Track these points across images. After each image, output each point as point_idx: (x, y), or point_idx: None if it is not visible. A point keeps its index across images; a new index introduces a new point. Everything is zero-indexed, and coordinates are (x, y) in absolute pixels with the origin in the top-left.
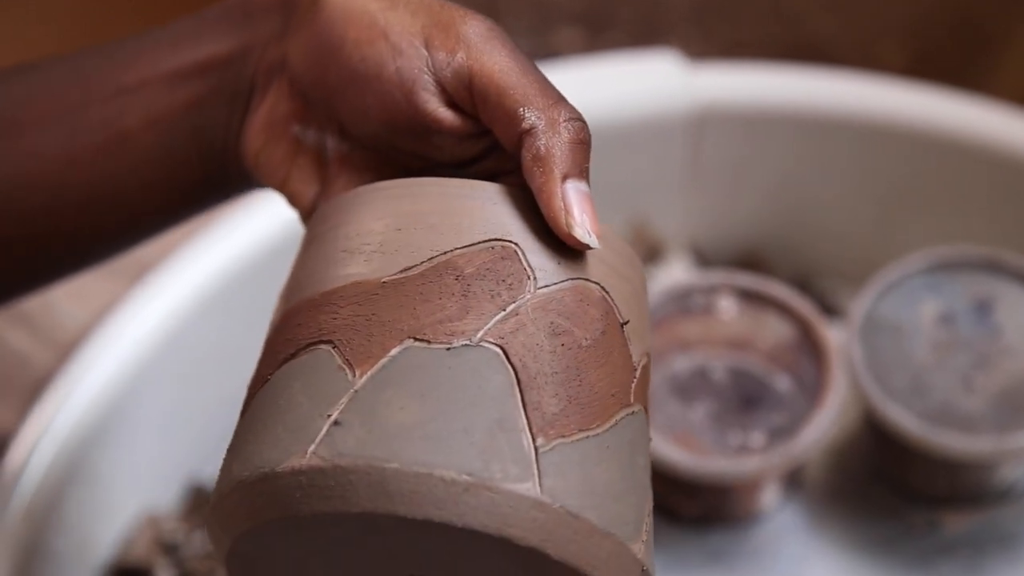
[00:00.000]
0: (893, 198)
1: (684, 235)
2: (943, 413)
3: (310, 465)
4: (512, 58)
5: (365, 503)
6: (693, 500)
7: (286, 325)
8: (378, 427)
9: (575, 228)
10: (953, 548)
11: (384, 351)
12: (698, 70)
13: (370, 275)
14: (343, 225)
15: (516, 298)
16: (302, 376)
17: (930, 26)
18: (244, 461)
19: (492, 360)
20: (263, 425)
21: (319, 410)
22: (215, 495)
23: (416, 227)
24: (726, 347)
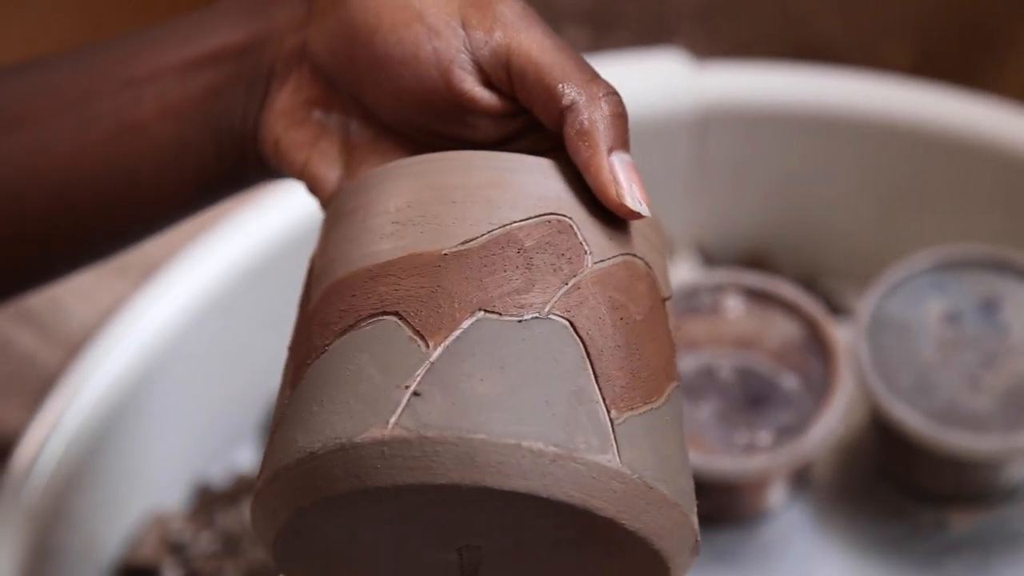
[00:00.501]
0: (899, 197)
1: (690, 234)
2: (950, 412)
3: (393, 436)
4: (548, 36)
5: (453, 474)
6: (700, 499)
7: (337, 296)
8: (461, 398)
9: (625, 197)
10: (960, 547)
11: (456, 323)
12: (703, 69)
13: (429, 247)
14: (388, 197)
15: (576, 272)
16: (369, 347)
17: (935, 26)
18: (312, 432)
19: (562, 333)
20: (329, 396)
21: (395, 381)
22: (268, 470)
23: (471, 200)
24: (733, 346)
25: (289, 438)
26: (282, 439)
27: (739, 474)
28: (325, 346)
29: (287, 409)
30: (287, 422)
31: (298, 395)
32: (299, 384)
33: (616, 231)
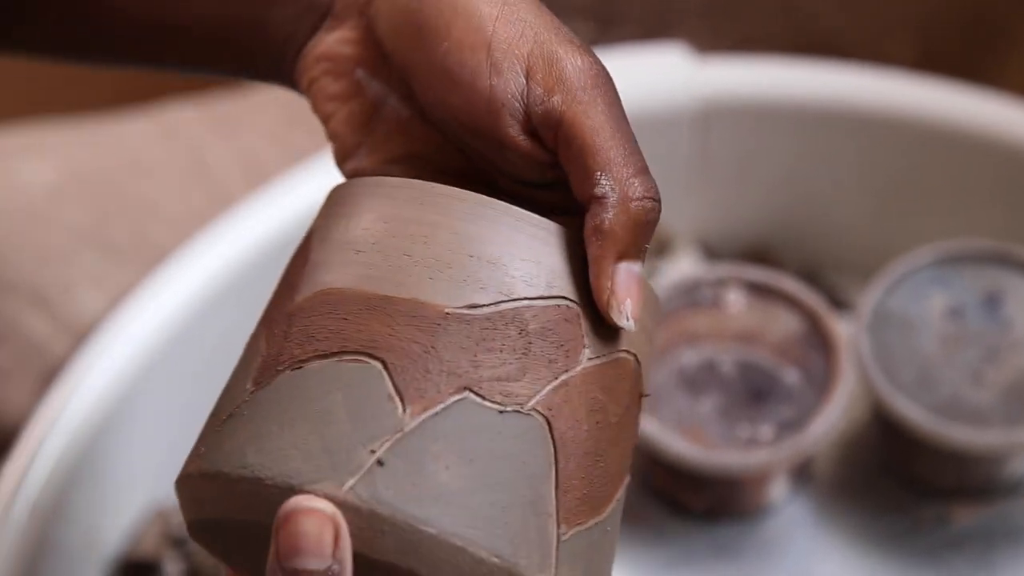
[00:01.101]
0: (901, 191)
1: (692, 229)
2: (952, 406)
3: (345, 500)
4: (607, 115)
5: (391, 555)
6: (701, 493)
7: (328, 309)
8: (422, 483)
9: (613, 310)
10: (962, 541)
11: (440, 396)
12: (706, 63)
13: (433, 298)
14: (408, 223)
15: (569, 368)
16: (346, 388)
17: (939, 23)
18: (265, 456)
19: (537, 432)
20: (291, 424)
21: (362, 438)
22: (208, 463)
23: (486, 260)
24: (734, 340)
25: (239, 446)
26: (232, 440)
27: (740, 468)
28: (301, 362)
29: (244, 406)
30: (242, 423)
31: (261, 400)
32: (265, 386)
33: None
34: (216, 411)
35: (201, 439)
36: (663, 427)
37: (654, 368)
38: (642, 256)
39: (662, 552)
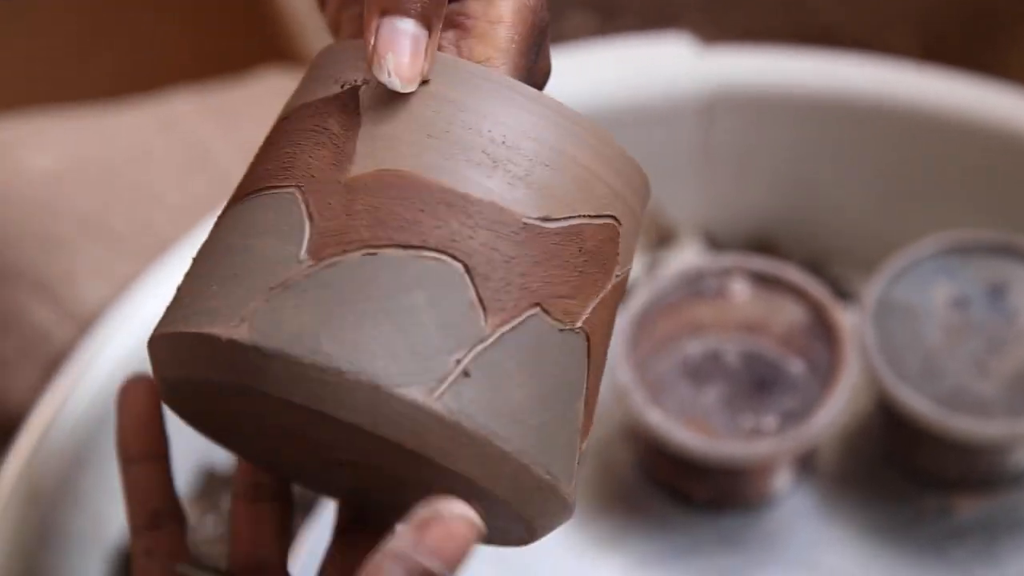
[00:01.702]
0: (906, 182)
1: (696, 219)
2: (956, 397)
3: (435, 409)
4: None
5: (463, 466)
6: (705, 484)
7: (398, 194)
8: (501, 399)
9: (374, 66)
10: (965, 532)
11: (517, 310)
12: (709, 54)
13: (512, 205)
14: (485, 118)
15: (605, 286)
16: (429, 288)
17: (942, 15)
18: (344, 345)
19: (581, 350)
20: (372, 316)
21: (448, 345)
22: (260, 331)
23: (562, 170)
24: (739, 331)
25: (309, 329)
26: (296, 319)
27: (744, 459)
28: (375, 247)
29: (304, 281)
30: (305, 301)
31: (326, 280)
32: (330, 264)
33: (632, 238)
34: (247, 272)
35: (238, 300)
36: (667, 417)
37: (658, 358)
38: (415, 13)
39: (665, 542)
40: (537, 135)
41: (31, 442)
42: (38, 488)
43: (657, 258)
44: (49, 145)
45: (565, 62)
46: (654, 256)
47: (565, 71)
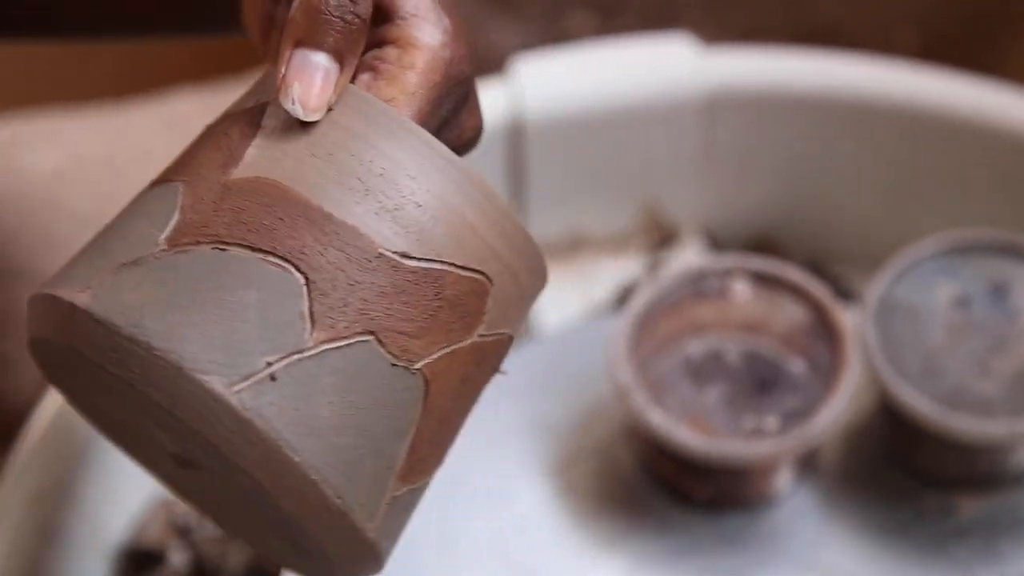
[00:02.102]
0: (907, 181)
1: (697, 219)
2: (958, 396)
3: (229, 402)
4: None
5: (251, 466)
6: (706, 483)
7: (266, 199)
8: (304, 410)
9: (281, 94)
10: (967, 532)
11: (347, 332)
12: (711, 53)
13: (371, 234)
14: (372, 149)
15: (462, 339)
16: (264, 290)
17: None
18: (165, 325)
19: (415, 393)
20: (202, 304)
21: (263, 347)
22: (97, 299)
23: (431, 214)
24: (740, 330)
25: (139, 304)
26: (133, 294)
27: (746, 458)
28: (226, 244)
29: (153, 262)
30: (148, 280)
31: (173, 265)
32: (181, 252)
33: (514, 298)
34: (108, 245)
35: (84, 265)
36: (668, 417)
37: (660, 358)
38: (328, 48)
39: (666, 542)
40: (418, 176)
41: (33, 442)
42: (40, 488)
43: (658, 258)
44: (50, 145)
45: (566, 62)
46: (655, 256)
47: (566, 71)
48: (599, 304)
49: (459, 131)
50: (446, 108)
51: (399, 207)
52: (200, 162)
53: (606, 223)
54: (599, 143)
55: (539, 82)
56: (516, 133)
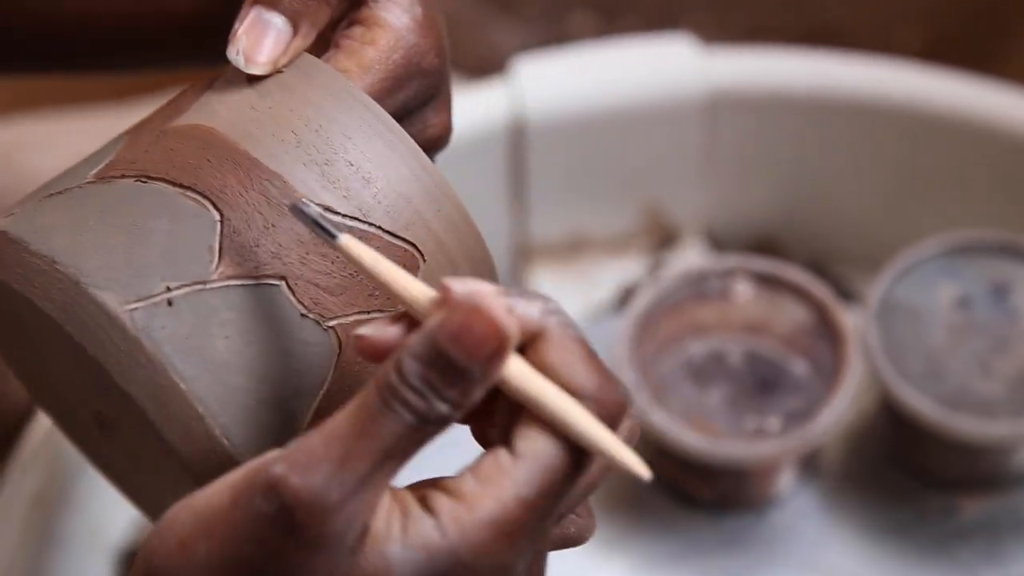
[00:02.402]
0: (909, 182)
1: (699, 220)
2: (960, 397)
3: (119, 318)
4: None
5: (135, 388)
6: (708, 484)
7: (197, 143)
8: (196, 340)
9: (229, 47)
10: (969, 532)
11: (255, 272)
12: (713, 54)
13: (297, 184)
14: (310, 106)
15: (384, 308)
16: (175, 220)
17: (947, 12)
18: (70, 243)
19: (324, 351)
20: (110, 226)
21: (164, 272)
22: (15, 222)
23: (363, 174)
24: (742, 331)
25: (51, 225)
26: (47, 217)
27: (748, 459)
28: (149, 177)
29: (76, 192)
30: (65, 205)
31: (93, 193)
32: (105, 183)
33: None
34: (48, 184)
35: (20, 201)
36: (671, 418)
37: (662, 359)
38: (284, 9)
39: (669, 543)
40: (354, 137)
41: (34, 444)
42: (41, 490)
43: (659, 259)
44: (53, 147)
45: (567, 62)
46: (656, 257)
47: (567, 71)
48: (600, 305)
49: (424, 127)
50: (407, 95)
51: (329, 162)
52: (150, 118)
53: (607, 224)
54: (600, 144)
55: (540, 83)
56: (517, 134)
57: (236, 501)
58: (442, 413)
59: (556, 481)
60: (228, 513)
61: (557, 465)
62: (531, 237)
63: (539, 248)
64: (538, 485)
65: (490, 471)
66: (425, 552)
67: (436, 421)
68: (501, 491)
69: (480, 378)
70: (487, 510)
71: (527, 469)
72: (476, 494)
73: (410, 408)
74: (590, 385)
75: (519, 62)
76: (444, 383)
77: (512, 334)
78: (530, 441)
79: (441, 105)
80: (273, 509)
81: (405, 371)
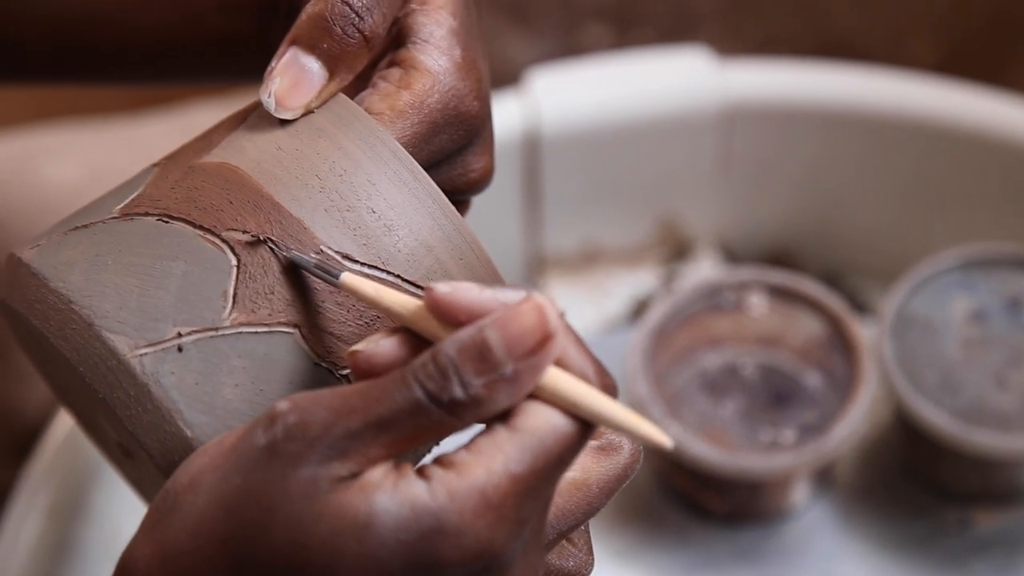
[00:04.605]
0: (923, 194)
1: (713, 232)
2: (975, 410)
3: (129, 363)
4: None
5: (141, 432)
6: (723, 497)
7: (222, 183)
8: (205, 387)
9: (262, 85)
10: (985, 547)
11: (269, 319)
12: (728, 66)
13: (317, 230)
14: (336, 150)
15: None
16: (192, 263)
17: (961, 23)
18: (87, 282)
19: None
20: (127, 267)
21: (176, 316)
22: (39, 256)
23: (384, 222)
24: (757, 344)
25: (71, 261)
26: (70, 252)
27: (763, 472)
28: (170, 217)
29: (100, 227)
30: (88, 241)
31: (116, 230)
32: (128, 220)
33: None
34: (76, 214)
35: (47, 232)
36: (685, 430)
37: (676, 371)
38: (321, 53)
39: (683, 556)
40: (379, 183)
41: (49, 454)
42: (56, 500)
43: (673, 270)
44: (68, 157)
45: (582, 74)
46: (670, 268)
47: (582, 84)
48: (614, 317)
49: (464, 171)
50: (443, 140)
51: (351, 208)
52: (182, 150)
53: (621, 236)
54: (615, 156)
55: (555, 95)
56: (532, 146)
57: (242, 437)
58: (456, 398)
59: (550, 458)
60: (231, 448)
61: (556, 439)
62: (545, 249)
63: (553, 259)
64: (530, 461)
65: (484, 444)
66: (411, 509)
67: (447, 405)
68: (491, 462)
69: (512, 377)
70: (475, 477)
71: (521, 443)
72: (467, 462)
73: (423, 385)
74: (590, 368)
75: (533, 74)
76: (473, 368)
77: (557, 338)
78: (530, 417)
79: (482, 148)
80: (268, 438)
81: (437, 351)
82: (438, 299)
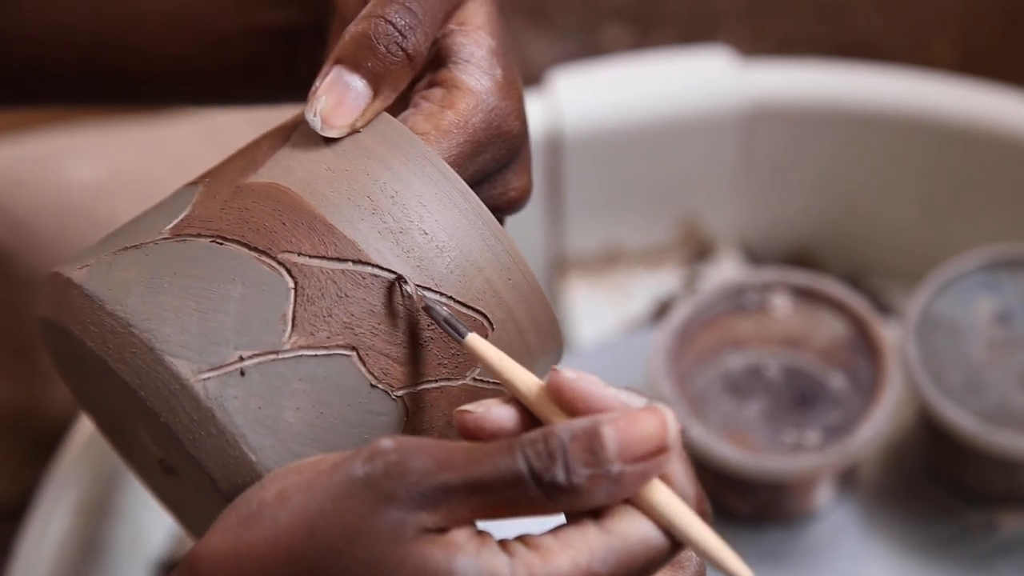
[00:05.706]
0: (946, 195)
1: (735, 232)
2: (1000, 412)
3: (192, 388)
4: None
5: (205, 457)
6: (747, 498)
7: (273, 204)
8: (268, 410)
9: (307, 104)
10: (1010, 548)
11: (327, 342)
12: (749, 66)
13: (370, 252)
14: (387, 170)
15: (452, 378)
16: (250, 286)
17: (980, 23)
18: (146, 304)
19: (392, 419)
20: (184, 290)
21: (238, 340)
22: (90, 276)
23: (436, 243)
24: (780, 345)
25: (127, 283)
26: (123, 273)
27: (787, 473)
28: (225, 239)
29: (152, 247)
30: (141, 261)
31: (169, 251)
32: (180, 240)
33: (517, 352)
34: (120, 233)
35: (93, 250)
36: (708, 432)
37: (699, 372)
38: (365, 72)
39: None
40: (430, 204)
41: (74, 454)
42: (82, 499)
43: (695, 271)
44: (91, 157)
45: (603, 75)
46: (692, 269)
47: (603, 84)
48: (636, 318)
49: (504, 190)
50: (487, 159)
51: (404, 230)
52: (225, 168)
53: (643, 236)
54: (636, 156)
55: (576, 96)
56: (554, 146)
57: (339, 464)
58: (558, 481)
59: (634, 567)
60: (329, 473)
61: (644, 551)
62: (567, 249)
63: (575, 260)
64: (614, 565)
65: (573, 536)
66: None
67: (546, 486)
68: (577, 555)
69: (616, 477)
70: (558, 566)
71: (609, 545)
72: (553, 549)
73: (529, 460)
74: (691, 491)
75: (555, 75)
76: (582, 458)
77: (671, 453)
78: (624, 522)
79: (522, 167)
80: (366, 471)
81: (551, 432)
82: (561, 384)
